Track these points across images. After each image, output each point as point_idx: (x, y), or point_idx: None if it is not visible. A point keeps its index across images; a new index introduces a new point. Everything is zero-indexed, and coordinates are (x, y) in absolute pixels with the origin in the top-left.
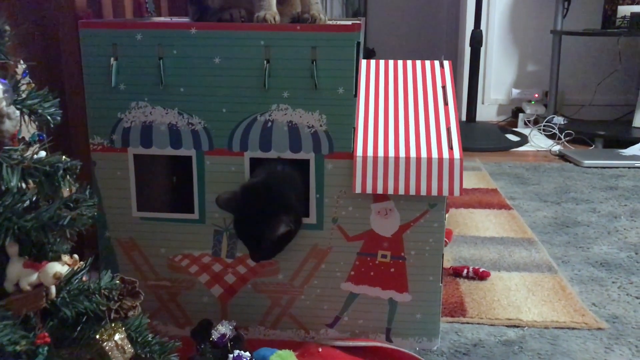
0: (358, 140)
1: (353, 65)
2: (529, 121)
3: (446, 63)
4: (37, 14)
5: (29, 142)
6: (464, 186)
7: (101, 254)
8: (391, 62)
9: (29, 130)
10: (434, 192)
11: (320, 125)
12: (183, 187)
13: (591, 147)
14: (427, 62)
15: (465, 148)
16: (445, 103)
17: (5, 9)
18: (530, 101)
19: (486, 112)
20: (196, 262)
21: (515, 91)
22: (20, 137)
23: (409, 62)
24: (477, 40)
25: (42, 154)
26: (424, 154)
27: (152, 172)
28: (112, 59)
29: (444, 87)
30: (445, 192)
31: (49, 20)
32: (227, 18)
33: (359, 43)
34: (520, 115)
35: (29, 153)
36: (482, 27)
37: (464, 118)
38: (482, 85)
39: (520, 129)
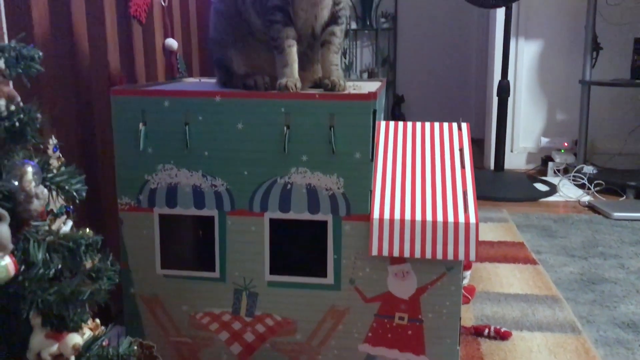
0: (375, 203)
1: (370, 132)
2: (558, 170)
3: (464, 125)
4: (72, 77)
5: (56, 213)
6: (490, 239)
7: (125, 309)
8: (409, 123)
9: (59, 200)
10: (450, 257)
11: (338, 188)
12: (205, 245)
13: (622, 198)
14: (445, 125)
15: (493, 198)
16: (462, 166)
17: (43, 81)
18: (559, 150)
19: (515, 160)
20: (217, 320)
21: (544, 140)
22: (48, 209)
23: (427, 124)
24: (504, 90)
25: (69, 224)
26: (440, 218)
27: (176, 231)
28: (141, 124)
29: (461, 150)
30: (461, 257)
31: (83, 83)
32: (251, 84)
33: (375, 111)
34: (550, 163)
35: (55, 225)
36: (510, 77)
37: (492, 167)
38: (511, 133)
39: (549, 177)
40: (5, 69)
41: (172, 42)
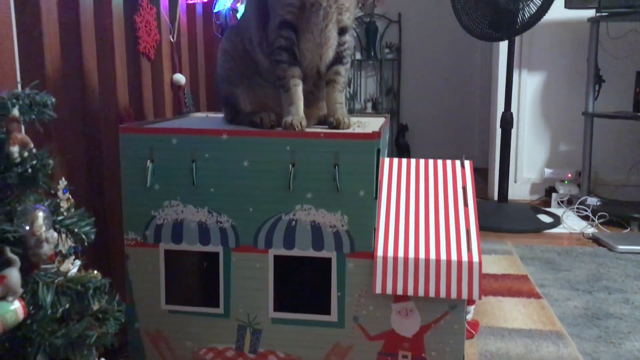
0: (379, 240)
1: (373, 170)
2: (562, 201)
3: (467, 163)
4: (82, 114)
5: (65, 254)
6: (494, 271)
7: (130, 344)
8: (413, 160)
9: (68, 242)
10: (453, 295)
11: (342, 226)
12: (209, 281)
13: (626, 230)
14: (449, 162)
15: (497, 229)
16: (465, 204)
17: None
18: (563, 181)
19: (519, 191)
20: (220, 356)
21: (547, 171)
22: (57, 250)
23: (430, 161)
24: (507, 122)
25: (77, 264)
26: (443, 256)
27: (181, 267)
28: (148, 161)
29: (464, 188)
30: (465, 296)
31: (92, 120)
32: (257, 122)
33: (379, 150)
34: (554, 195)
35: (64, 266)
36: (513, 108)
37: (495, 197)
38: (515, 164)
39: (553, 208)
40: (19, 116)
41: (180, 77)
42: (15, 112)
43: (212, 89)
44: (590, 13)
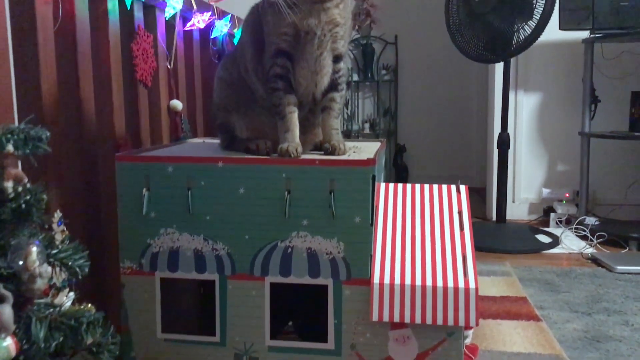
0: (375, 267)
1: (369, 197)
2: (560, 221)
3: (462, 188)
4: (78, 142)
5: (59, 287)
6: (493, 293)
7: None
8: (409, 186)
9: (62, 275)
10: (450, 322)
11: (338, 252)
12: (206, 310)
13: (624, 250)
14: (444, 187)
15: (496, 250)
16: (461, 229)
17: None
18: (561, 200)
19: (517, 211)
20: None
21: (545, 190)
22: (51, 283)
23: (426, 187)
24: (504, 143)
25: (71, 296)
26: (439, 283)
27: (177, 295)
28: (144, 189)
29: (460, 213)
30: (462, 322)
31: (88, 148)
32: (253, 148)
33: (374, 176)
34: (552, 214)
35: (58, 299)
36: (510, 128)
37: (494, 218)
38: (513, 184)
39: (552, 228)
40: (13, 151)
41: (177, 103)
42: (10, 147)
43: (209, 114)
44: (585, 34)
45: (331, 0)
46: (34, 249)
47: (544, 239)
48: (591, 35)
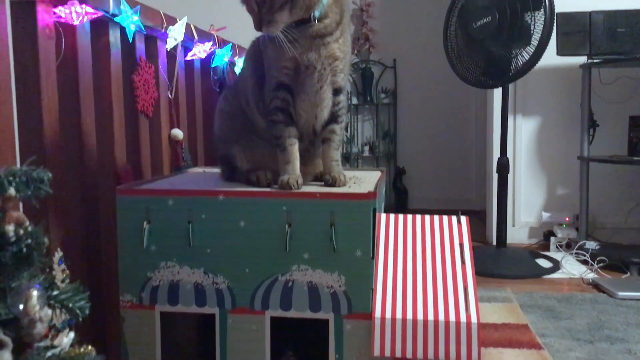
0: (377, 301)
1: (370, 230)
2: (560, 245)
3: (463, 219)
4: (79, 174)
5: (59, 328)
6: (494, 320)
7: None
8: (409, 217)
9: (62, 316)
10: (452, 357)
11: (340, 286)
12: (206, 343)
13: (625, 275)
14: (445, 218)
15: (496, 275)
16: (463, 262)
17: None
18: (561, 224)
19: (517, 235)
20: None
21: (545, 214)
22: (51, 324)
23: (427, 217)
24: (504, 167)
25: (71, 336)
26: (441, 317)
27: (177, 329)
28: (145, 222)
29: (461, 245)
30: (464, 357)
31: (89, 179)
32: (254, 180)
33: (375, 209)
34: (552, 238)
35: (58, 340)
36: (509, 152)
37: (494, 241)
38: (512, 207)
39: (552, 252)
40: (15, 194)
41: (178, 132)
42: (12, 191)
43: (210, 143)
44: (582, 60)
45: (331, 35)
46: (35, 293)
47: (544, 263)
48: (588, 61)
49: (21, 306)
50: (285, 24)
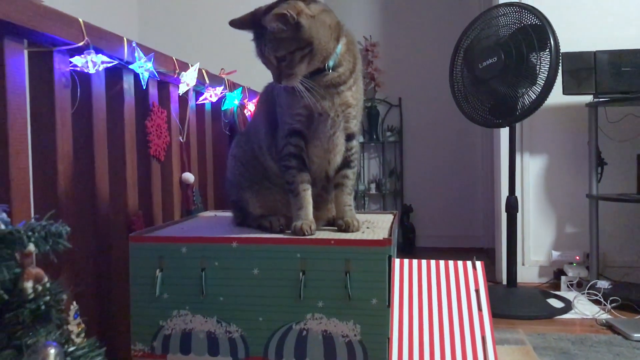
0: (393, 351)
1: (385, 278)
2: (571, 284)
3: (478, 264)
4: (93, 221)
5: None
6: None
7: None
8: (424, 262)
9: None
10: None
11: (355, 335)
12: None
13: (639, 316)
14: (460, 263)
15: (508, 316)
16: (479, 309)
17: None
18: (571, 263)
19: (527, 274)
20: None
21: (555, 253)
22: None
23: (442, 263)
24: (512, 206)
25: None
26: None
27: None
28: (157, 270)
29: (477, 291)
30: None
31: (102, 226)
32: (266, 225)
33: (390, 256)
34: (563, 277)
35: None
36: (517, 191)
37: (504, 282)
38: (522, 246)
39: (563, 292)
40: (34, 250)
41: (189, 176)
42: (31, 247)
43: (220, 186)
44: (588, 99)
45: (345, 84)
46: (52, 352)
47: (556, 303)
48: (595, 100)
49: None
50: (302, 75)
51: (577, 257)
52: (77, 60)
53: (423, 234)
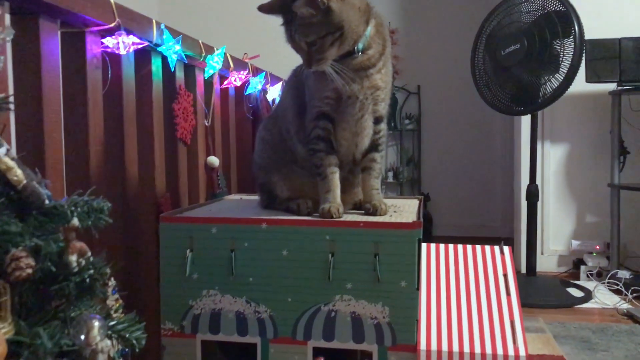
0: (421, 333)
1: (415, 260)
2: (591, 273)
3: (506, 249)
4: (123, 202)
5: (113, 357)
6: (530, 352)
7: None
8: (451, 246)
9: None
10: None
11: (383, 317)
12: None
13: None
14: (487, 248)
15: (527, 304)
16: (508, 293)
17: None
18: (591, 253)
19: (546, 263)
20: None
21: (575, 242)
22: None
23: (469, 248)
24: (533, 195)
25: None
26: (488, 350)
27: (218, 358)
28: (187, 250)
29: (505, 276)
30: None
31: (131, 207)
32: (294, 208)
33: (420, 239)
34: (582, 267)
35: None
36: (537, 180)
37: (523, 270)
38: (541, 235)
39: (582, 281)
40: (78, 224)
41: (214, 160)
42: (75, 221)
43: (243, 170)
44: (612, 86)
45: (374, 66)
46: (96, 324)
47: (575, 292)
48: (618, 88)
49: (82, 337)
50: (333, 59)
51: (597, 247)
52: (109, 41)
53: (440, 223)
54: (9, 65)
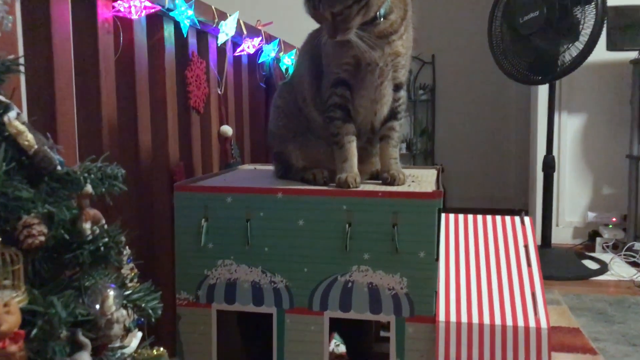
0: (440, 304)
1: (434, 231)
2: (607, 246)
3: (527, 220)
4: (135, 171)
5: (128, 327)
6: None
7: None
8: (470, 217)
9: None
10: None
11: (401, 288)
12: (263, 343)
13: None
14: (507, 219)
15: (543, 276)
16: (529, 264)
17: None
18: (607, 225)
19: (561, 235)
20: None
21: (591, 214)
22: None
23: (489, 218)
24: (549, 166)
25: (139, 335)
26: (509, 322)
27: (233, 328)
28: (203, 219)
29: (526, 247)
30: None
31: (144, 176)
32: (310, 178)
33: (440, 209)
34: (598, 239)
35: (127, 340)
36: (554, 151)
37: (538, 242)
38: (557, 207)
39: (598, 254)
40: (92, 191)
41: (227, 129)
42: (89, 188)
43: (256, 139)
44: (633, 55)
45: (396, 32)
46: (112, 293)
47: (591, 264)
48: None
49: (97, 306)
50: (357, 27)
51: (614, 219)
52: (120, 4)
53: (454, 195)
54: (19, 28)
